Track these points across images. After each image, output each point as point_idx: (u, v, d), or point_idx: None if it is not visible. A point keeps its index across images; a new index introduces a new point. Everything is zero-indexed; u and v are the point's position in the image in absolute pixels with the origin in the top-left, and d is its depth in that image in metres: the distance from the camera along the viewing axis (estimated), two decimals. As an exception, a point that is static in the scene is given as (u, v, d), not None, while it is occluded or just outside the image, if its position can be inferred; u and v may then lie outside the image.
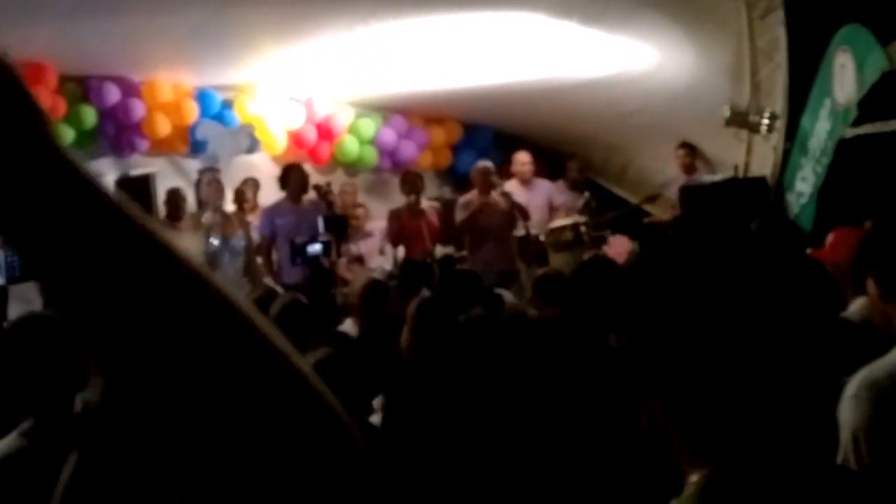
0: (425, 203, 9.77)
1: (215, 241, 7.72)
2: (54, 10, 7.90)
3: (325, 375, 2.63)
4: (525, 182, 10.01)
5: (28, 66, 8.96)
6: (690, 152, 10.17)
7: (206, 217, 7.72)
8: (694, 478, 1.61)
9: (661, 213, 10.36)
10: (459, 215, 9.14)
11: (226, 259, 7.79)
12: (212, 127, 10.28)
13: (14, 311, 8.56)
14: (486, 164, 9.39)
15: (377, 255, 10.01)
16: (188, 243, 7.77)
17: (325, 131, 11.35)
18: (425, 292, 4.85)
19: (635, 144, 11.31)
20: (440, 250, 9.56)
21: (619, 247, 9.55)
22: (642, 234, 9.86)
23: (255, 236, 9.29)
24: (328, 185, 9.25)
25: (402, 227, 9.52)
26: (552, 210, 10.10)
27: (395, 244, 9.67)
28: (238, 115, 10.63)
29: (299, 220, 8.58)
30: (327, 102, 11.21)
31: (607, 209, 10.50)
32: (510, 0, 8.65)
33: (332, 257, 8.40)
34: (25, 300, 8.77)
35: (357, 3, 8.49)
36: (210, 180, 7.92)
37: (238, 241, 7.85)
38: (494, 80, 10.49)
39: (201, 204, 8.06)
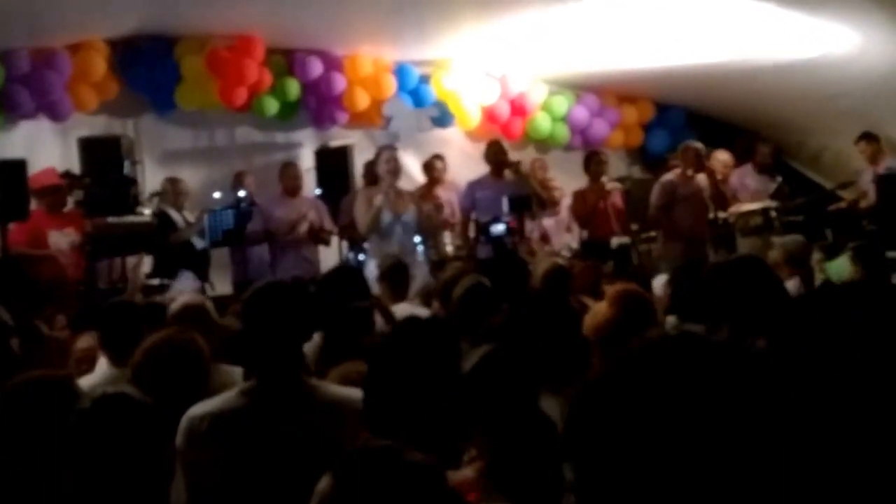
0: (610, 184, 9.72)
1: (387, 216, 7.95)
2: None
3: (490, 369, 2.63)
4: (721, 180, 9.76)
5: (238, 39, 9.38)
6: (871, 143, 9.77)
7: (378, 199, 7.95)
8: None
9: (850, 197, 9.98)
10: (660, 194, 9.04)
11: (398, 231, 8.01)
12: (397, 105, 10.50)
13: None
14: (698, 145, 9.21)
15: (564, 232, 10.02)
16: (361, 215, 8.07)
17: (519, 107, 11.41)
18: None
19: (832, 129, 10.92)
20: (616, 240, 9.50)
21: None
22: (835, 221, 9.54)
23: (448, 209, 9.48)
24: (517, 162, 9.33)
25: (586, 208, 9.52)
26: (734, 195, 9.86)
27: (582, 225, 9.67)
28: (434, 90, 10.82)
29: (498, 195, 8.70)
30: (522, 79, 11.26)
31: (799, 193, 10.21)
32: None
33: (515, 238, 8.47)
34: (223, 265, 9.27)
35: (556, -19, 8.48)
36: (388, 158, 8.13)
37: (409, 216, 8.06)
38: (689, 61, 10.28)
39: (377, 179, 8.28)
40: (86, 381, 3.91)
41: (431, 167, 10.18)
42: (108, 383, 3.48)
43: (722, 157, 9.93)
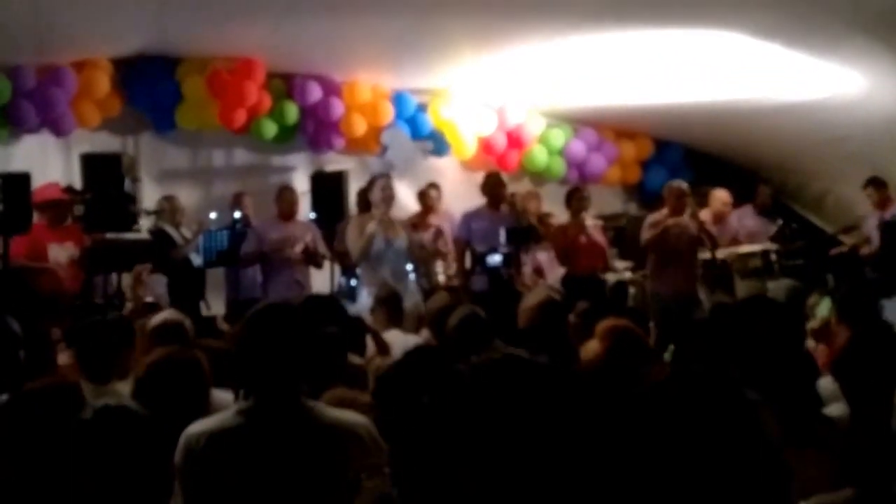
0: (590, 220, 9.75)
1: (379, 243, 8.00)
2: (268, 11, 8.30)
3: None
4: (718, 218, 9.77)
5: (239, 62, 9.44)
6: (879, 188, 9.79)
7: (371, 226, 8.01)
8: None
9: (852, 242, 10.01)
10: (646, 233, 9.05)
11: (390, 258, 8.06)
12: (395, 134, 10.55)
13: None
14: (681, 184, 9.20)
15: (557, 267, 10.05)
16: (353, 242, 8.11)
17: (515, 139, 11.46)
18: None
19: (836, 172, 10.94)
20: (613, 276, 9.56)
21: None
22: (836, 267, 9.55)
23: (441, 238, 9.50)
24: (512, 195, 9.38)
25: (565, 242, 9.55)
26: (734, 237, 9.86)
27: (562, 260, 9.70)
28: (431, 119, 10.86)
29: (494, 227, 8.73)
30: (519, 111, 11.31)
31: (800, 236, 10.22)
32: (712, 18, 8.51)
33: (511, 269, 8.50)
34: (217, 284, 9.32)
35: (557, 15, 8.52)
36: (384, 185, 8.21)
37: (400, 243, 8.12)
38: (690, 98, 10.35)
39: (370, 206, 8.33)
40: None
41: (426, 196, 10.21)
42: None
43: (720, 194, 9.92)
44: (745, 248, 9.50)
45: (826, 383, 3.96)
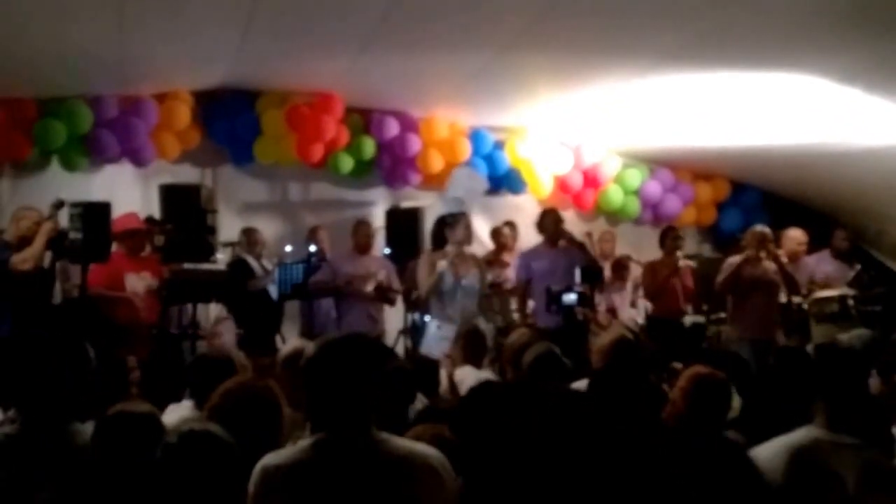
0: (682, 261, 9.63)
1: (449, 280, 7.94)
2: (347, 47, 8.36)
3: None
4: (793, 259, 9.58)
5: (318, 96, 9.54)
6: None
7: (442, 264, 7.96)
8: None
9: None
10: (723, 276, 8.92)
11: (459, 296, 7.99)
12: (460, 171, 10.48)
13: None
14: (765, 229, 9.05)
15: (629, 307, 9.96)
16: (422, 278, 8.10)
17: (592, 179, 11.43)
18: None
19: (915, 218, 10.73)
20: (689, 318, 9.44)
21: None
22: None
23: (513, 276, 9.48)
24: (588, 234, 9.31)
25: (657, 282, 9.43)
26: (812, 282, 9.66)
27: (651, 299, 9.59)
28: (508, 156, 10.87)
29: (554, 265, 8.63)
30: (596, 150, 11.28)
31: (878, 283, 10.00)
32: (791, 62, 8.39)
33: (586, 308, 8.42)
34: (292, 316, 9.39)
35: (636, 55, 8.47)
36: (466, 224, 8.16)
37: (471, 280, 8.05)
38: (768, 141, 10.22)
39: (444, 242, 8.27)
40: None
41: (499, 234, 10.20)
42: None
43: (794, 234, 9.65)
44: (822, 293, 9.31)
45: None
